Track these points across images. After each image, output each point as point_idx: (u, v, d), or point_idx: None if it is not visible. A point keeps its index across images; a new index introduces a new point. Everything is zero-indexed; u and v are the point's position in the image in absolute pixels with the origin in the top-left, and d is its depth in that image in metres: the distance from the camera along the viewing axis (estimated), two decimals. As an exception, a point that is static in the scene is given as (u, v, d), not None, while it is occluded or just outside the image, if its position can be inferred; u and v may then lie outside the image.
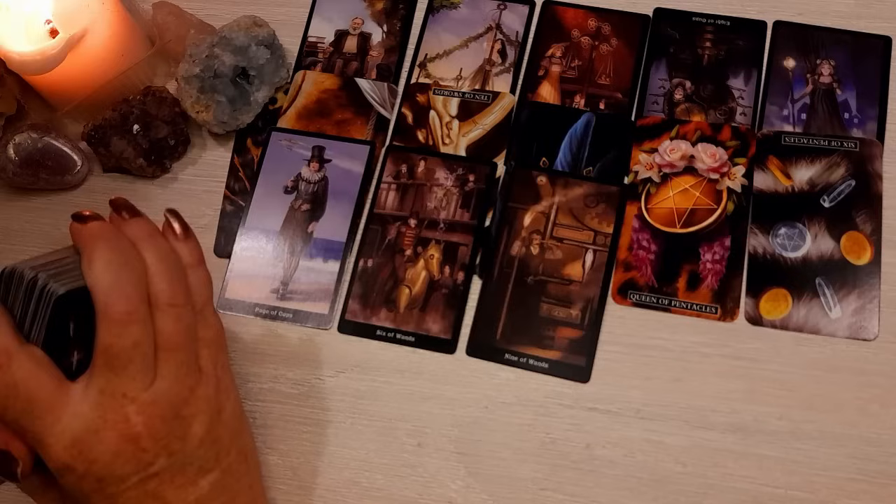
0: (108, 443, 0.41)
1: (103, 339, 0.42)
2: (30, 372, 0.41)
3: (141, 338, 0.42)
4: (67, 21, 0.59)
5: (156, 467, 0.43)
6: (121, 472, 0.42)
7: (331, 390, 0.55)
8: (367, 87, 0.64)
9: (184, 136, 0.63)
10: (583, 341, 0.54)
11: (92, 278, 0.42)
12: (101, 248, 0.43)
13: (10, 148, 0.60)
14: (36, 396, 0.41)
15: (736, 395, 0.52)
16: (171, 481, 0.43)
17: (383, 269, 0.58)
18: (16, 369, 0.41)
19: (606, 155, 0.59)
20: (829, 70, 0.60)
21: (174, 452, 0.43)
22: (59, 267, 0.43)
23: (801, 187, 0.57)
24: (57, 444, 0.41)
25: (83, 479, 0.42)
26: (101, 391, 0.42)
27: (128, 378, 0.42)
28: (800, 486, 0.50)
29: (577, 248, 0.57)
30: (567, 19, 0.64)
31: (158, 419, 0.42)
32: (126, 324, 0.42)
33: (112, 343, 0.41)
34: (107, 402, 0.42)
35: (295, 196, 0.61)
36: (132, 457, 0.42)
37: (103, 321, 0.42)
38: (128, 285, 0.42)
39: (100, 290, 0.42)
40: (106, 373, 0.42)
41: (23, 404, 0.41)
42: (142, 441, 0.42)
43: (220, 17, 0.65)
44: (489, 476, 0.52)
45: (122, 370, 0.42)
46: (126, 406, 0.42)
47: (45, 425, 0.41)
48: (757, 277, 0.55)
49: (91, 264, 0.42)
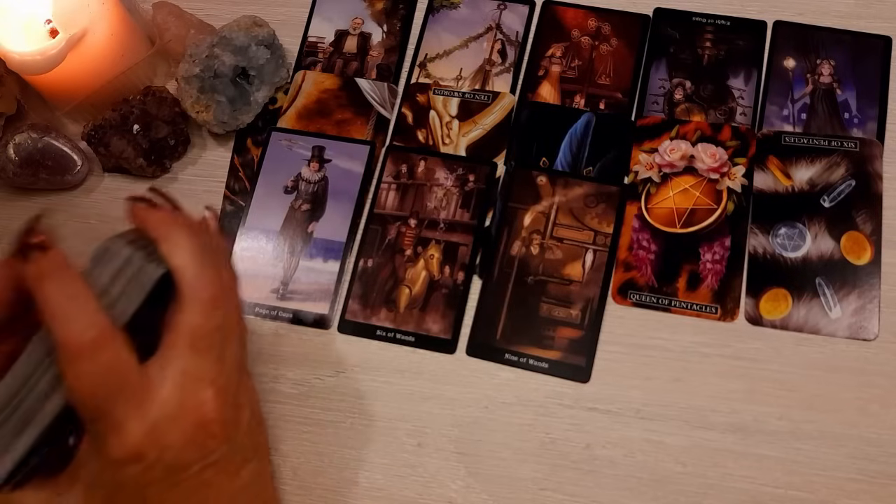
0: (184, 429, 0.41)
1: (191, 320, 0.41)
2: (124, 354, 0.40)
3: (222, 322, 0.42)
4: (67, 21, 0.59)
5: (216, 455, 0.42)
6: (187, 460, 0.41)
7: (331, 390, 0.55)
8: (367, 87, 0.64)
9: (184, 136, 0.63)
10: (583, 341, 0.54)
11: (179, 262, 0.41)
12: (183, 234, 0.42)
13: (10, 148, 0.60)
14: (127, 380, 0.39)
15: (736, 395, 0.52)
16: (224, 470, 0.43)
17: (383, 269, 0.58)
18: (113, 351, 0.39)
19: (606, 155, 0.59)
20: (829, 70, 0.60)
21: (231, 439, 0.43)
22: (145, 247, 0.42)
23: (801, 187, 0.57)
24: (136, 430, 0.39)
25: (151, 468, 0.40)
26: (184, 373, 0.41)
27: (209, 362, 0.42)
28: (800, 486, 0.50)
29: (577, 248, 0.57)
30: (567, 19, 0.64)
31: (226, 405, 0.42)
32: (214, 307, 0.42)
33: (200, 325, 0.41)
34: (188, 386, 0.41)
35: (295, 196, 0.61)
36: (201, 444, 0.41)
37: (192, 303, 0.41)
38: (212, 270, 0.42)
39: (189, 274, 0.41)
40: (190, 355, 0.41)
41: (114, 387, 0.39)
42: (212, 427, 0.41)
43: (220, 17, 0.65)
44: (489, 476, 0.52)
45: (205, 353, 0.41)
46: (204, 390, 0.41)
47: (129, 409, 0.39)
48: (757, 277, 0.55)
49: (176, 248, 0.42)
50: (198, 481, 0.42)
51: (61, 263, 0.40)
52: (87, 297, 0.39)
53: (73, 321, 0.38)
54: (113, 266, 0.41)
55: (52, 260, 0.40)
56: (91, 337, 0.38)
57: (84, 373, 0.38)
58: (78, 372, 0.38)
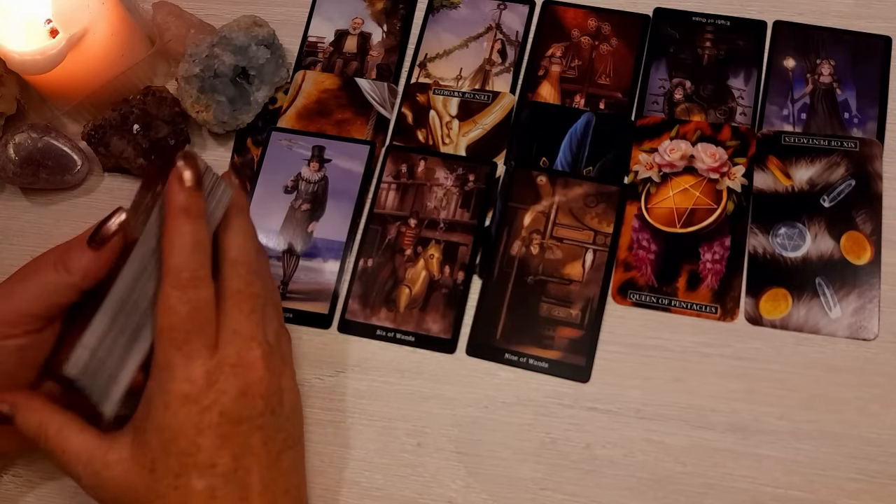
0: (238, 379, 0.44)
1: (232, 285, 0.45)
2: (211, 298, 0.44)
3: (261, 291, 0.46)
4: (67, 21, 0.59)
5: (262, 420, 0.44)
6: (239, 413, 0.44)
7: (331, 390, 0.55)
8: (367, 86, 0.64)
9: (184, 136, 0.63)
10: (583, 341, 0.54)
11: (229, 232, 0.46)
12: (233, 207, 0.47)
13: (10, 148, 0.60)
14: (209, 321, 0.44)
15: (736, 395, 0.52)
16: (267, 443, 0.45)
17: (383, 268, 0.58)
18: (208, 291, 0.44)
19: (606, 155, 0.59)
20: (829, 70, 0.60)
21: (274, 412, 0.45)
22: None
23: (801, 187, 0.57)
24: (202, 366, 0.43)
25: (207, 410, 0.43)
26: (235, 331, 0.44)
27: (254, 324, 0.45)
28: (800, 486, 0.50)
29: (577, 248, 0.57)
30: (567, 19, 0.64)
31: (270, 372, 0.45)
32: (257, 272, 0.46)
33: (241, 289, 0.45)
34: (240, 342, 0.44)
35: (295, 196, 0.61)
36: (250, 402, 0.44)
37: (237, 266, 0.45)
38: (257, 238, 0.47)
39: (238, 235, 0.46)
40: (237, 316, 0.45)
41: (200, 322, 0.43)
42: (258, 388, 0.44)
43: (220, 17, 0.65)
44: (489, 476, 0.52)
45: (249, 315, 0.45)
46: (254, 349, 0.45)
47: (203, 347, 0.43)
48: (757, 277, 0.55)
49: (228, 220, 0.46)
50: (245, 442, 0.44)
51: (202, 209, 0.44)
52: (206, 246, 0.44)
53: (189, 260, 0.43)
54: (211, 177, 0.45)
55: (199, 202, 0.44)
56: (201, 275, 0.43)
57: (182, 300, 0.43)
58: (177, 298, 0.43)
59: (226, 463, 0.43)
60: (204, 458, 0.43)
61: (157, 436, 0.43)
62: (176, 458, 0.42)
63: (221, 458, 0.43)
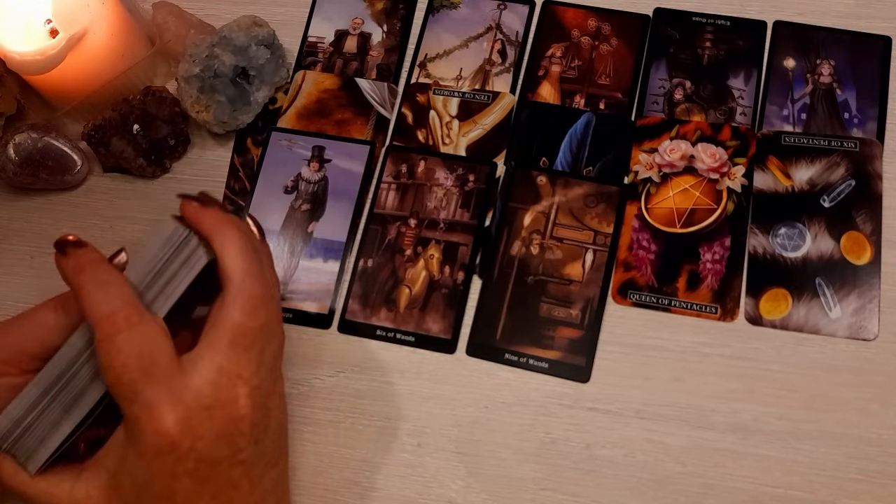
0: (217, 422, 0.41)
1: (235, 317, 0.42)
2: (156, 335, 0.41)
3: (265, 322, 0.43)
4: (67, 21, 0.59)
5: (244, 455, 0.42)
6: (218, 455, 0.41)
7: (331, 390, 0.55)
8: (367, 87, 0.64)
9: (184, 136, 0.63)
10: (583, 341, 0.54)
11: (230, 257, 0.43)
12: (235, 232, 0.43)
13: (10, 148, 0.60)
14: (158, 361, 0.40)
15: (736, 395, 0.52)
16: (249, 473, 0.43)
17: (383, 269, 0.58)
18: (145, 329, 0.40)
19: (606, 155, 0.59)
20: (829, 70, 0.60)
21: (259, 442, 0.43)
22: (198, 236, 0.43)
23: (801, 187, 0.57)
24: (170, 415, 0.40)
25: (183, 459, 0.40)
26: (220, 369, 0.41)
27: (246, 360, 0.42)
28: (800, 486, 0.50)
29: (577, 248, 0.57)
30: (567, 19, 0.64)
31: (257, 406, 0.42)
32: (259, 306, 0.42)
33: (243, 322, 0.42)
34: (223, 381, 0.41)
35: (295, 196, 0.61)
36: (231, 440, 0.42)
37: (238, 299, 0.42)
38: (260, 269, 0.43)
39: (238, 270, 0.42)
40: (228, 351, 0.42)
41: (145, 367, 0.40)
42: (243, 425, 0.42)
43: (220, 17, 0.65)
44: (489, 476, 0.52)
45: (244, 351, 0.42)
46: (239, 387, 0.42)
47: (161, 393, 0.40)
48: (757, 277, 0.55)
49: (228, 244, 0.43)
50: (226, 480, 0.42)
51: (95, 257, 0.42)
52: (120, 283, 0.41)
53: (105, 302, 0.40)
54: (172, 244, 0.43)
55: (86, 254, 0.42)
56: (125, 315, 0.40)
57: (117, 349, 0.40)
58: (111, 349, 0.40)
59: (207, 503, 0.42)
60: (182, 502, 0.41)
61: (131, 481, 0.41)
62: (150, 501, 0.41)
63: (201, 500, 0.41)
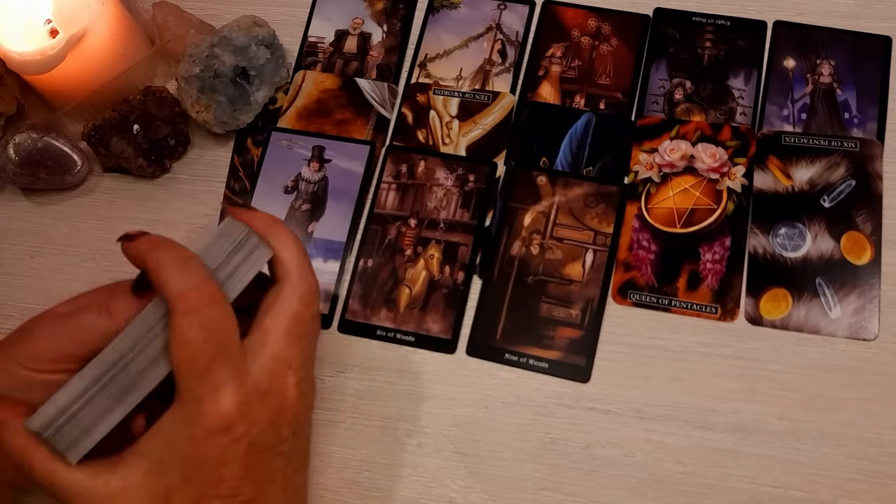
0: (270, 408, 0.42)
1: (294, 306, 0.43)
2: (231, 319, 0.42)
3: (316, 313, 0.45)
4: (67, 21, 0.59)
5: (285, 446, 0.43)
6: (266, 443, 0.42)
7: (331, 390, 0.55)
8: (367, 87, 0.64)
9: (184, 136, 0.63)
10: (583, 341, 0.54)
11: (287, 251, 0.44)
12: (287, 230, 0.45)
13: (10, 148, 0.60)
14: (230, 343, 0.41)
15: (736, 395, 0.52)
16: (285, 467, 0.44)
17: (383, 269, 0.58)
18: (226, 307, 0.42)
19: (606, 155, 0.59)
20: (829, 70, 0.60)
21: (297, 435, 0.44)
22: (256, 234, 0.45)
23: (801, 187, 0.57)
24: (232, 397, 0.41)
25: (236, 443, 0.41)
26: (275, 356, 0.42)
27: (298, 349, 0.43)
28: (800, 486, 0.50)
29: (577, 248, 0.57)
30: (567, 19, 0.64)
31: (302, 396, 0.44)
32: (313, 298, 0.44)
33: (300, 312, 0.43)
34: (277, 369, 0.42)
35: (295, 196, 0.61)
36: (278, 430, 0.43)
37: (297, 290, 0.44)
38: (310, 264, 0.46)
39: (295, 263, 0.44)
40: (284, 339, 0.43)
41: (220, 347, 0.41)
42: (288, 414, 0.43)
43: (220, 17, 0.65)
44: (489, 476, 0.52)
45: (297, 340, 0.43)
46: (289, 377, 0.43)
47: (229, 374, 0.41)
48: (757, 277, 0.55)
49: (284, 241, 0.45)
50: (266, 471, 0.43)
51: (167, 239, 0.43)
52: (199, 261, 0.42)
53: (189, 278, 0.41)
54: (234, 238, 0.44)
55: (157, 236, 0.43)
56: (208, 291, 0.41)
57: (199, 323, 0.40)
58: (194, 322, 0.40)
59: (248, 493, 0.42)
60: (226, 489, 0.41)
61: (179, 466, 0.41)
62: (196, 488, 0.41)
63: (245, 489, 0.42)
